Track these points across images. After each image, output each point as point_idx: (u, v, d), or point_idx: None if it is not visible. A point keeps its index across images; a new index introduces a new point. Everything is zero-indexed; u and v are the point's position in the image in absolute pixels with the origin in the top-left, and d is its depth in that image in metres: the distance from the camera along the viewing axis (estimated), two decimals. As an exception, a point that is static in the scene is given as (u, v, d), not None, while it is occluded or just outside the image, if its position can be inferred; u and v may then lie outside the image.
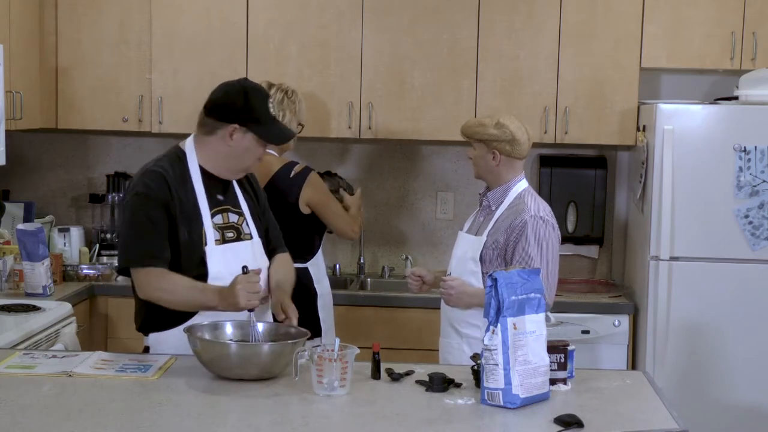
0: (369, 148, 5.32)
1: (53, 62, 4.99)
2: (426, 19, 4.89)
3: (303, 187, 4.14)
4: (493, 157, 3.64)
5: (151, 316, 3.23)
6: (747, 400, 4.56)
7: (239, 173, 3.29)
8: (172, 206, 3.14)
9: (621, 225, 5.28)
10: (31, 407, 2.68)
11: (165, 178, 3.15)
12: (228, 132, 3.19)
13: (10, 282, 4.52)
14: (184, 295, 3.13)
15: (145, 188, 3.14)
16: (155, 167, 3.20)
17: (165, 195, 3.14)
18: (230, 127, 3.18)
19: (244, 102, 3.18)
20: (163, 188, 3.14)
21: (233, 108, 3.19)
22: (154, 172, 3.17)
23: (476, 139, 3.67)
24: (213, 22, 4.94)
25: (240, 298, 3.03)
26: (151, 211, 3.12)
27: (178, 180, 3.18)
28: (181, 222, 3.15)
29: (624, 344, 4.71)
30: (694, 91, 5.11)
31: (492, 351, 2.76)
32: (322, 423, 2.65)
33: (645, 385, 3.08)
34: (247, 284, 3.03)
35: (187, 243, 3.16)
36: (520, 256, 3.53)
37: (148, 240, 3.12)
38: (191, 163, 3.23)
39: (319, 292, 4.19)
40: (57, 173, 5.42)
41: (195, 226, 3.18)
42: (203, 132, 3.24)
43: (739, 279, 4.54)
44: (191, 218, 3.18)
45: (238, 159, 3.23)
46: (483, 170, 3.70)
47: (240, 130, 3.18)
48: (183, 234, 3.16)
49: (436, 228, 5.34)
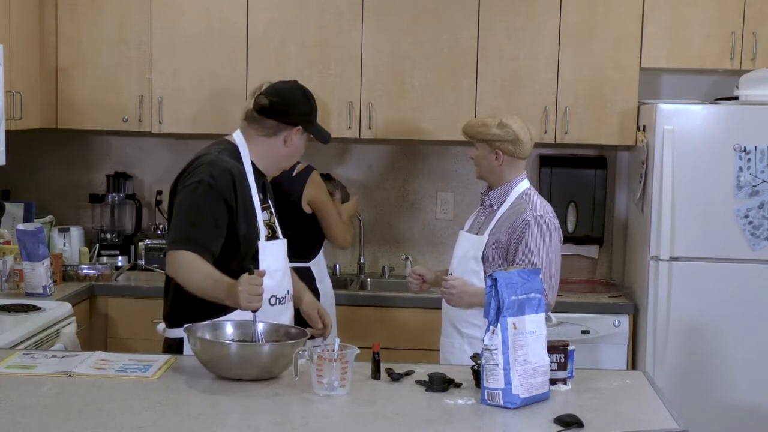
0: (369, 148, 5.32)
1: (53, 62, 4.99)
2: (426, 19, 4.89)
3: (305, 185, 4.14)
4: (495, 157, 3.64)
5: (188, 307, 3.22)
6: (747, 400, 4.56)
7: (282, 170, 3.50)
8: (234, 201, 3.19)
9: (621, 225, 5.28)
10: (31, 407, 2.68)
11: (231, 173, 3.20)
12: (291, 134, 3.28)
13: (10, 282, 4.52)
14: (199, 282, 3.13)
15: (211, 178, 3.17)
16: (219, 159, 3.22)
17: (228, 189, 3.18)
18: (294, 129, 3.28)
19: (308, 105, 3.32)
20: (228, 183, 3.18)
21: (298, 111, 3.29)
22: (221, 166, 3.20)
23: (479, 139, 3.67)
24: (213, 22, 4.94)
25: (242, 299, 3.03)
26: (212, 203, 3.16)
27: (240, 176, 3.23)
28: (241, 216, 3.21)
29: (624, 344, 4.71)
30: (694, 91, 5.11)
31: (492, 351, 2.76)
32: (322, 423, 2.65)
33: (645, 385, 3.08)
34: (249, 286, 3.03)
35: (245, 236, 3.22)
36: (522, 256, 3.53)
37: (201, 229, 3.15)
38: (245, 160, 3.29)
39: (322, 291, 4.19)
40: (57, 173, 5.42)
41: (252, 221, 3.24)
42: (263, 134, 3.30)
43: (739, 279, 4.54)
44: (249, 213, 3.24)
45: (290, 158, 3.39)
46: (485, 170, 3.70)
47: (300, 131, 3.29)
48: (242, 227, 3.21)
49: (437, 228, 5.34)
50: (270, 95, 3.28)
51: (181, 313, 3.25)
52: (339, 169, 5.24)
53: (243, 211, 3.22)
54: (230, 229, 3.20)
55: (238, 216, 3.20)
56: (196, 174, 3.19)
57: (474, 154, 3.72)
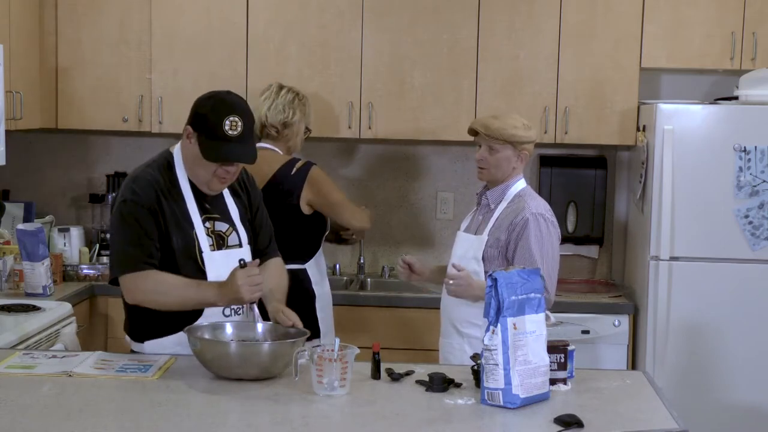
0: (369, 148, 5.32)
1: (53, 62, 4.99)
2: (426, 19, 4.89)
3: (304, 185, 4.13)
4: (518, 158, 3.64)
5: (148, 323, 3.21)
6: (747, 400, 4.56)
7: (203, 185, 3.21)
8: (161, 214, 3.14)
9: (621, 225, 5.27)
10: (31, 407, 2.68)
11: (154, 187, 3.15)
12: (186, 133, 3.19)
13: (10, 282, 4.52)
14: (179, 294, 3.10)
15: (133, 195, 3.14)
16: (144, 174, 3.19)
17: (151, 202, 3.13)
18: (188, 128, 3.19)
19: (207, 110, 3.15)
20: (151, 196, 3.13)
21: (196, 112, 3.19)
22: (143, 179, 3.17)
23: (505, 140, 3.62)
24: (213, 22, 4.94)
25: (243, 292, 3.03)
26: (140, 217, 3.12)
27: (167, 186, 3.18)
28: (173, 229, 3.15)
29: (624, 344, 4.71)
30: (694, 91, 5.11)
31: (492, 351, 2.76)
32: (322, 423, 2.65)
33: (645, 385, 3.08)
34: (247, 278, 3.03)
35: (182, 249, 3.16)
36: (521, 254, 3.53)
37: (138, 245, 3.11)
38: (179, 169, 3.22)
39: (318, 293, 4.17)
40: (57, 173, 5.42)
41: (187, 233, 3.17)
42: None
43: (739, 279, 4.54)
44: (182, 225, 3.17)
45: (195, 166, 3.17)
46: (502, 171, 3.66)
47: (193, 135, 3.16)
48: (176, 241, 3.16)
49: (436, 228, 5.34)
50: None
51: (144, 327, 3.23)
52: (339, 169, 5.24)
53: (174, 222, 3.16)
54: (164, 242, 3.15)
55: (168, 228, 3.15)
56: (121, 194, 3.18)
57: (485, 155, 3.66)
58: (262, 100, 4.27)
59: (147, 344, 3.23)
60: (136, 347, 3.27)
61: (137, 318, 3.23)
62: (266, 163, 4.10)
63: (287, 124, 4.23)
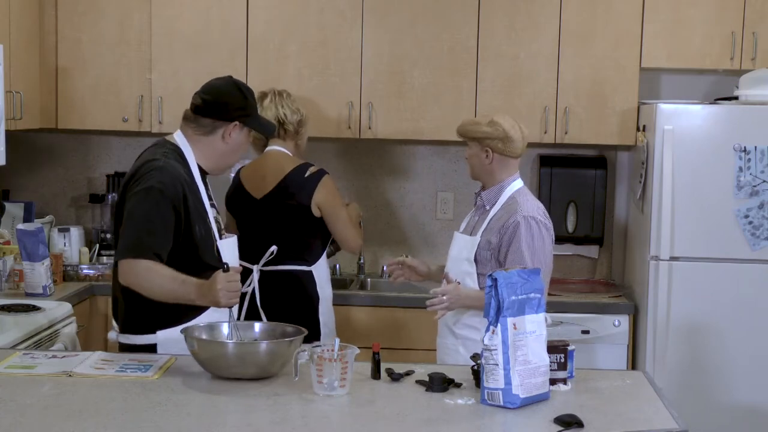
0: (369, 148, 5.32)
1: (53, 62, 4.99)
2: (426, 19, 4.89)
3: (316, 189, 4.13)
4: (486, 155, 3.64)
5: (161, 312, 3.20)
6: (747, 400, 4.56)
7: (228, 169, 3.43)
8: (183, 208, 3.16)
9: (621, 225, 5.27)
10: (31, 407, 2.68)
11: (180, 182, 3.17)
12: (228, 130, 3.24)
13: (10, 282, 4.52)
14: (164, 286, 3.09)
15: (161, 185, 3.14)
16: (170, 166, 3.18)
17: (178, 197, 3.15)
18: (231, 125, 3.23)
19: (242, 99, 3.25)
20: (178, 191, 3.15)
21: (233, 106, 3.24)
22: (171, 173, 3.17)
23: (470, 138, 3.68)
24: (213, 22, 4.94)
25: (221, 297, 3.03)
26: (163, 210, 3.13)
27: (188, 179, 3.21)
28: (195, 219, 3.19)
29: (624, 344, 4.71)
30: (694, 91, 5.11)
31: (492, 351, 2.76)
32: (322, 423, 2.65)
33: (645, 385, 3.08)
34: (227, 283, 3.03)
35: (203, 239, 3.21)
36: (512, 257, 3.51)
37: (153, 236, 3.12)
38: (191, 161, 3.26)
39: (322, 296, 4.18)
40: (57, 173, 5.42)
41: (205, 222, 3.23)
42: (200, 133, 3.26)
43: (739, 279, 4.54)
44: (201, 214, 3.22)
45: (233, 155, 3.33)
46: (477, 169, 3.70)
47: (239, 126, 3.24)
48: (198, 231, 3.20)
49: (436, 228, 5.34)
50: (203, 93, 3.26)
51: (143, 318, 3.23)
52: (339, 170, 5.24)
53: (197, 215, 3.19)
54: (186, 235, 3.17)
55: (192, 221, 3.18)
56: (146, 180, 3.15)
57: (467, 154, 3.73)
58: (268, 103, 4.25)
59: (160, 334, 3.22)
60: (142, 339, 3.23)
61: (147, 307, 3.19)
62: (278, 164, 4.13)
63: (302, 122, 4.28)
